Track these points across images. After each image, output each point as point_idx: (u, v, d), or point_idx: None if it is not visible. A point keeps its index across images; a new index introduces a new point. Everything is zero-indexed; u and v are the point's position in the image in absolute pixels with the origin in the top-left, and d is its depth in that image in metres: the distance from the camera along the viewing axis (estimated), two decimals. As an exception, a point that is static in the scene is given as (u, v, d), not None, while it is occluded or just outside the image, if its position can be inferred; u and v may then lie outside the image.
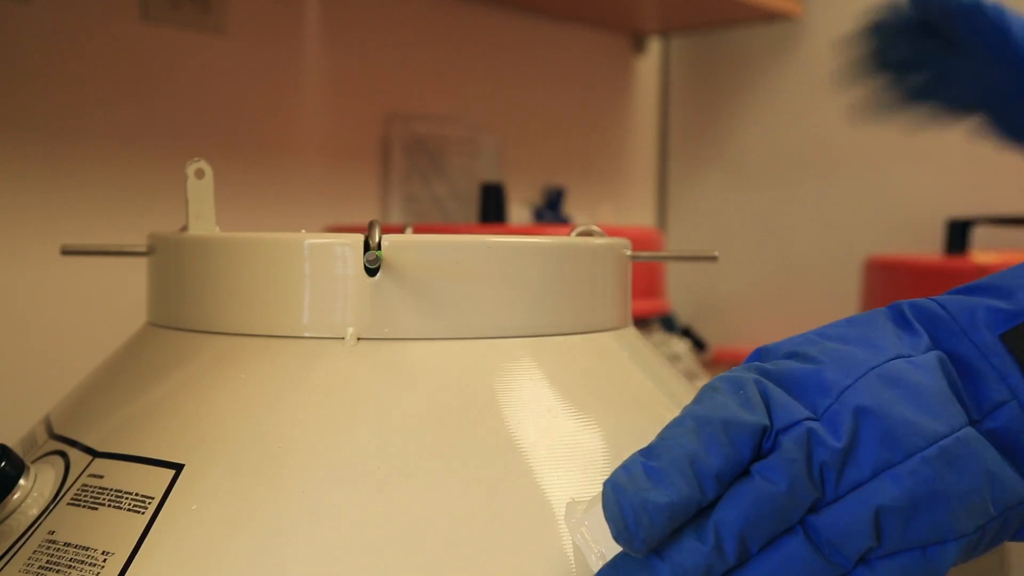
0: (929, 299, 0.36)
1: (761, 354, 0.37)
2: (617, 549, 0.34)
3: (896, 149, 1.36)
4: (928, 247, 1.28)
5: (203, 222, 0.50)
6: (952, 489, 0.32)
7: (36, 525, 0.39)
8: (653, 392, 0.46)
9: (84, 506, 0.39)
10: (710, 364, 1.37)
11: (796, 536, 0.32)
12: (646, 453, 0.33)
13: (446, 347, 0.41)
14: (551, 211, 1.29)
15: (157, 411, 0.41)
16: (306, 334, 0.41)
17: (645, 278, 1.11)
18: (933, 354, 0.34)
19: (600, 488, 0.34)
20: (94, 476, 0.40)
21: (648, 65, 1.61)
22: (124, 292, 0.86)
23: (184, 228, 0.50)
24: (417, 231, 0.59)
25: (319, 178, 1.17)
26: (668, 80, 1.63)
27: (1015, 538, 0.35)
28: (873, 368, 0.34)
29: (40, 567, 0.37)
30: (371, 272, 0.40)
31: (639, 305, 1.05)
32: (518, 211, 1.30)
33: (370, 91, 1.22)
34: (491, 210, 1.13)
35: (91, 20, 0.95)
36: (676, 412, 0.46)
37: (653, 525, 0.31)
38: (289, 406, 0.39)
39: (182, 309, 0.45)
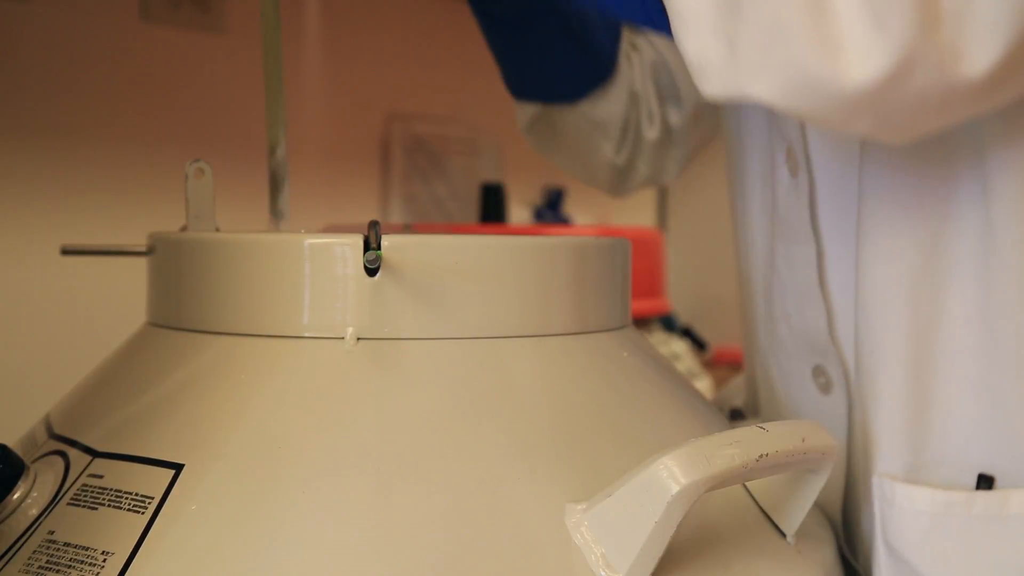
0: None
1: None
2: (619, 549, 0.34)
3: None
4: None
5: (203, 222, 0.50)
6: None
7: (36, 525, 0.39)
8: (653, 391, 0.46)
9: (84, 506, 0.39)
10: (710, 364, 1.37)
11: None
12: None
13: (446, 347, 0.41)
14: (551, 211, 1.29)
15: (157, 411, 0.41)
16: (306, 334, 0.41)
17: (645, 278, 1.11)
18: None
19: (601, 488, 0.34)
20: (94, 476, 0.40)
21: (648, 65, 1.61)
22: (124, 292, 0.86)
23: (184, 228, 0.50)
24: (416, 230, 0.59)
25: (319, 178, 1.17)
26: (668, 80, 1.63)
27: None
28: None
29: (40, 567, 0.37)
30: (371, 272, 0.40)
31: (639, 305, 1.05)
32: (518, 211, 1.30)
33: (370, 91, 1.22)
34: (491, 210, 1.13)
35: (91, 20, 0.95)
36: (675, 411, 0.46)
37: None
38: (289, 406, 0.39)
39: (182, 309, 0.45)
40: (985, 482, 0.47)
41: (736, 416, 0.62)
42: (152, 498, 0.38)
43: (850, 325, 0.51)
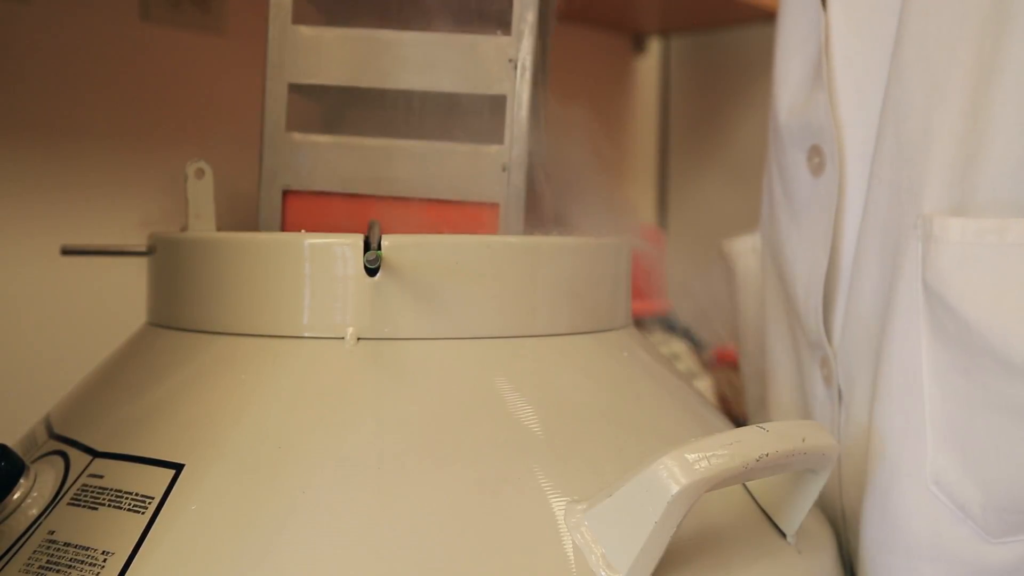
0: None
1: None
2: (619, 549, 0.34)
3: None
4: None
5: (203, 222, 0.50)
6: None
7: (36, 525, 0.39)
8: (653, 391, 0.46)
9: (84, 506, 0.39)
10: (710, 364, 1.37)
11: None
12: None
13: (446, 347, 0.41)
14: (551, 211, 1.28)
15: (157, 411, 0.41)
16: (306, 334, 0.41)
17: (645, 278, 1.11)
18: None
19: (601, 488, 0.34)
20: (94, 476, 0.40)
21: (648, 65, 1.61)
22: (124, 292, 0.86)
23: (184, 228, 0.50)
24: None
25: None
26: (668, 80, 1.63)
27: None
28: None
29: (40, 567, 0.37)
30: (371, 272, 0.40)
31: (639, 305, 1.05)
32: (518, 211, 1.29)
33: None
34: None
35: (91, 20, 0.95)
36: (676, 410, 0.46)
37: None
38: (289, 406, 0.39)
39: (182, 309, 0.45)
40: None
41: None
42: (152, 498, 0.38)
43: (851, 102, 0.51)
